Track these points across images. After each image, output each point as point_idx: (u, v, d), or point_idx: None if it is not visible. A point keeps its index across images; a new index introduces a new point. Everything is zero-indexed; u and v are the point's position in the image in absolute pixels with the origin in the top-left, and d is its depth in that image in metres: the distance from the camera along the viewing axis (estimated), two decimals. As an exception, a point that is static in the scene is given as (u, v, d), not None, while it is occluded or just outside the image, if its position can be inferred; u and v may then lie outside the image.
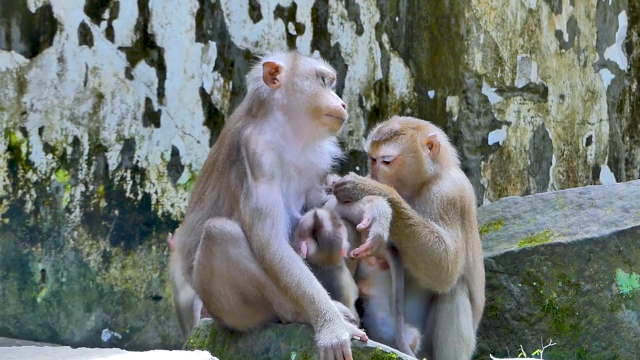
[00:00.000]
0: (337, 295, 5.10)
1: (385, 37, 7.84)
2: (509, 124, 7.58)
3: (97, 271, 7.28)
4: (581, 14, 7.90)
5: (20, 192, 7.18)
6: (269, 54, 5.30)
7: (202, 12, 7.55)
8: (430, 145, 5.53)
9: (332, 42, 7.81)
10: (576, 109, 7.88)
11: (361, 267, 5.53)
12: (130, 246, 7.35)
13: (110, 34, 7.37)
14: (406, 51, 7.78)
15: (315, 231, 5.12)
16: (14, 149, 7.19)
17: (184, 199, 7.44)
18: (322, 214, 5.16)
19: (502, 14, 7.58)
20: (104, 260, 7.30)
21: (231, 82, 7.61)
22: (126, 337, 7.31)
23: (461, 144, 7.41)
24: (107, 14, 7.37)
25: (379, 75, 7.84)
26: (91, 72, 7.34)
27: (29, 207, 7.20)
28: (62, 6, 7.29)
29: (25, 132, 7.21)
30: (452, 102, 7.51)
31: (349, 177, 5.35)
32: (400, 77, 7.80)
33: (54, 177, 7.25)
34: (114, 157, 7.36)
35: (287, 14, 7.71)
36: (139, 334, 7.35)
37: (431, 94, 7.63)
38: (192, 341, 5.38)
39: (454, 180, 5.52)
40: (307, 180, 5.25)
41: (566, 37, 7.85)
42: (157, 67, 7.45)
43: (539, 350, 5.72)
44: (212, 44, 7.57)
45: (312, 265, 5.03)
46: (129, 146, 7.38)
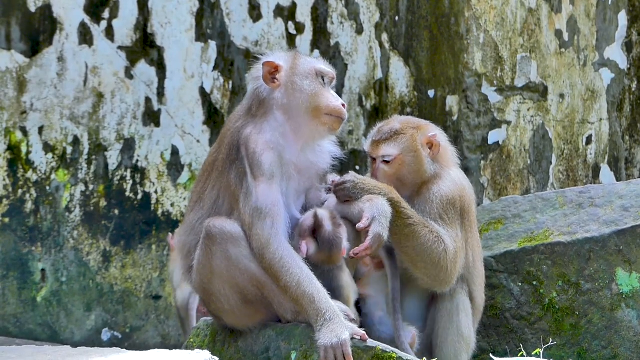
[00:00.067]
0: (337, 294, 5.10)
1: (385, 37, 7.84)
2: (509, 123, 7.58)
3: (97, 271, 7.28)
4: (581, 13, 7.90)
5: (20, 191, 7.18)
6: (268, 54, 5.30)
7: (202, 11, 7.54)
8: (430, 144, 5.53)
9: (332, 42, 7.80)
10: (576, 108, 7.88)
11: (356, 268, 5.53)
12: (130, 245, 7.35)
13: (110, 33, 7.37)
14: (406, 50, 7.78)
15: (315, 231, 5.12)
16: (14, 148, 7.19)
17: (184, 199, 7.44)
18: (322, 213, 5.15)
19: (502, 13, 7.58)
20: (104, 259, 7.29)
21: (231, 82, 7.61)
22: (126, 336, 7.31)
23: (461, 144, 7.41)
24: (107, 14, 7.37)
25: (379, 74, 7.84)
26: (91, 71, 7.33)
27: (29, 206, 7.20)
28: (62, 6, 7.28)
29: (25, 131, 7.21)
30: (452, 102, 7.51)
31: (348, 177, 5.34)
32: (400, 77, 7.80)
33: (54, 176, 7.24)
34: (114, 157, 7.36)
35: (287, 13, 7.71)
36: (139, 334, 7.34)
37: (431, 94, 7.62)
38: (192, 340, 5.38)
39: (453, 180, 5.52)
40: (306, 179, 5.24)
41: (566, 37, 7.84)
42: (157, 66, 7.45)
43: (539, 349, 5.72)
44: (212, 44, 7.57)
45: (312, 264, 5.03)
46: (129, 146, 7.38)
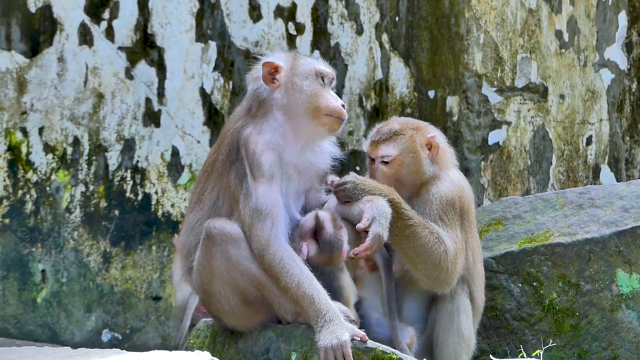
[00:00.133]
0: (337, 295, 5.10)
1: (385, 37, 7.83)
2: (509, 123, 7.58)
3: (97, 271, 7.28)
4: (581, 14, 7.90)
5: (20, 192, 7.18)
6: (268, 54, 5.30)
7: (202, 12, 7.54)
8: (429, 146, 5.53)
9: (332, 42, 7.80)
10: (576, 108, 7.88)
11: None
12: (130, 246, 7.35)
13: (110, 34, 7.37)
14: (406, 51, 7.78)
15: (316, 232, 5.12)
16: (14, 149, 7.19)
17: (184, 199, 7.44)
18: (324, 215, 5.15)
19: (502, 13, 7.58)
20: (104, 260, 7.29)
21: (231, 82, 7.60)
22: (126, 337, 7.31)
23: (461, 144, 7.41)
24: (107, 14, 7.37)
25: (379, 75, 7.84)
26: (91, 72, 7.33)
27: (29, 207, 7.20)
28: (62, 6, 7.28)
29: (25, 132, 7.21)
30: (452, 102, 7.51)
31: (349, 177, 5.34)
32: (400, 77, 7.80)
33: (54, 177, 7.24)
34: (114, 157, 7.35)
35: (287, 13, 7.71)
36: (139, 335, 7.34)
37: (431, 94, 7.62)
38: (192, 341, 5.38)
39: (452, 180, 5.51)
40: (306, 180, 5.24)
41: (566, 37, 7.84)
42: (157, 67, 7.45)
43: (539, 350, 5.71)
44: (212, 44, 7.56)
45: (312, 266, 5.03)
46: (129, 146, 7.38)
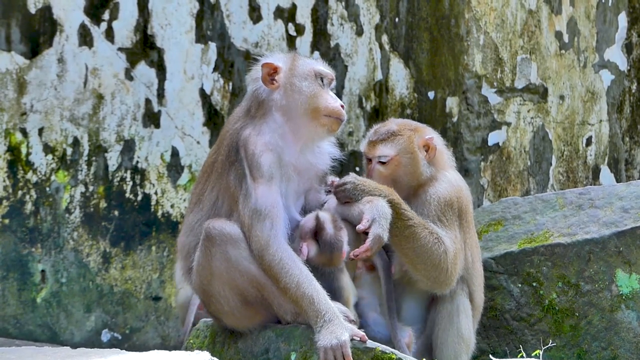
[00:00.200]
0: (337, 296, 5.10)
1: (385, 38, 7.84)
2: (508, 124, 7.58)
3: (97, 272, 7.28)
4: (581, 15, 7.90)
5: (20, 192, 7.18)
6: (267, 55, 5.30)
7: (202, 13, 7.54)
8: (426, 147, 5.53)
9: (332, 43, 7.80)
10: (576, 109, 7.88)
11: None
12: (130, 247, 7.35)
13: (110, 35, 7.37)
14: (406, 52, 7.78)
15: (316, 233, 5.12)
16: (13, 149, 7.19)
17: (184, 200, 7.44)
18: (324, 216, 5.15)
19: (502, 14, 7.58)
20: (104, 260, 7.29)
21: (231, 83, 7.61)
22: (126, 337, 7.31)
23: (461, 145, 7.41)
24: (107, 15, 7.37)
25: (379, 76, 7.84)
26: (91, 73, 7.33)
27: (29, 207, 7.20)
28: (62, 7, 7.28)
29: (25, 132, 7.21)
30: (452, 103, 7.51)
31: (349, 178, 5.34)
32: (400, 78, 7.80)
33: (53, 177, 7.24)
34: (113, 158, 7.35)
35: (287, 14, 7.71)
36: (139, 335, 7.35)
37: (431, 95, 7.62)
38: (192, 341, 5.38)
39: (450, 181, 5.51)
40: (306, 180, 5.24)
41: (566, 38, 7.85)
42: (157, 68, 7.45)
43: (538, 350, 5.71)
44: (212, 45, 7.57)
45: (312, 267, 5.03)
46: (129, 147, 7.38)
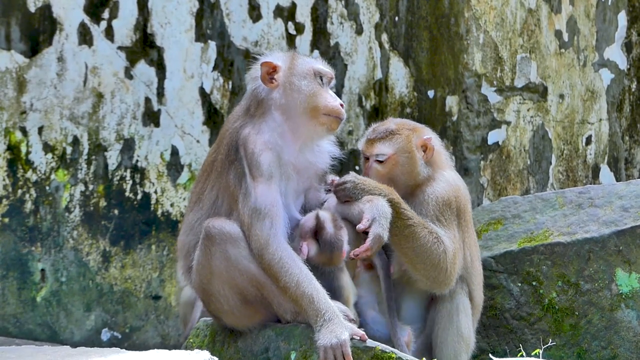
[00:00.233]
0: (337, 295, 5.10)
1: (384, 37, 7.83)
2: (508, 123, 7.58)
3: (97, 271, 7.28)
4: (581, 14, 7.90)
5: (19, 191, 7.18)
6: (267, 54, 5.30)
7: (202, 11, 7.54)
8: (424, 147, 5.52)
9: (332, 42, 7.80)
10: (576, 108, 7.88)
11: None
12: (129, 246, 7.35)
13: (109, 33, 7.37)
14: (406, 51, 7.78)
15: (316, 232, 5.12)
16: (13, 148, 7.19)
17: (184, 199, 7.44)
18: (324, 215, 5.15)
19: (501, 13, 7.57)
20: (104, 259, 7.29)
21: (231, 82, 7.60)
22: (126, 336, 7.31)
23: (461, 144, 7.41)
24: (106, 14, 7.37)
25: (379, 74, 7.84)
26: (91, 71, 7.33)
27: (29, 206, 7.20)
28: (62, 6, 7.28)
29: (24, 131, 7.21)
30: (452, 102, 7.51)
31: (349, 177, 5.34)
32: (399, 77, 7.80)
33: (53, 176, 7.24)
34: (113, 157, 7.35)
35: (286, 13, 7.71)
36: (139, 334, 7.34)
37: (431, 94, 7.62)
38: (191, 341, 5.38)
39: (447, 180, 5.51)
40: (305, 179, 5.24)
41: (566, 37, 7.84)
42: (156, 66, 7.45)
43: (538, 349, 5.72)
44: (212, 44, 7.56)
45: (312, 266, 5.03)
46: (129, 146, 7.38)
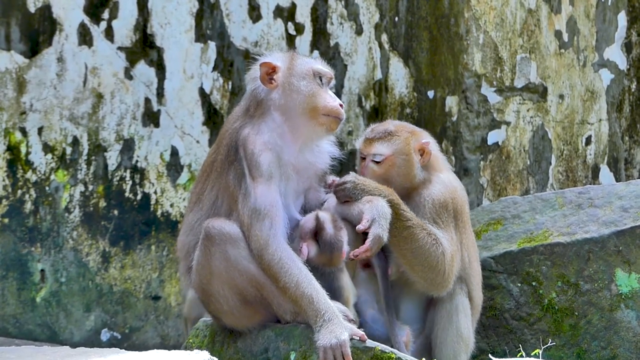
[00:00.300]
0: (336, 295, 5.10)
1: (384, 37, 7.83)
2: (508, 123, 7.58)
3: (97, 271, 7.28)
4: (580, 14, 7.90)
5: (19, 192, 7.18)
6: (266, 54, 5.30)
7: (202, 12, 7.54)
8: (422, 151, 5.51)
9: (332, 42, 7.80)
10: (575, 108, 7.87)
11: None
12: (129, 246, 7.35)
13: (109, 34, 7.37)
14: (405, 51, 7.78)
15: (316, 233, 5.12)
16: (13, 149, 7.19)
17: (184, 199, 7.44)
18: (324, 216, 5.15)
19: (501, 13, 7.57)
20: (103, 260, 7.29)
21: (230, 82, 7.60)
22: (125, 337, 7.31)
23: (460, 144, 7.41)
24: (106, 14, 7.37)
25: (379, 75, 7.84)
26: (90, 72, 7.33)
27: (28, 207, 7.20)
28: (62, 6, 7.28)
29: (24, 132, 7.21)
30: (452, 102, 7.51)
31: (349, 177, 5.34)
32: (399, 77, 7.80)
33: (53, 177, 7.24)
34: (113, 157, 7.35)
35: (286, 14, 7.71)
36: (138, 334, 7.34)
37: (430, 94, 7.62)
38: (191, 341, 5.38)
39: (444, 182, 5.51)
40: (305, 180, 5.24)
41: (566, 37, 7.84)
42: (156, 67, 7.45)
43: (538, 350, 5.72)
44: (212, 44, 7.57)
45: (312, 267, 5.03)
46: (128, 146, 7.38)
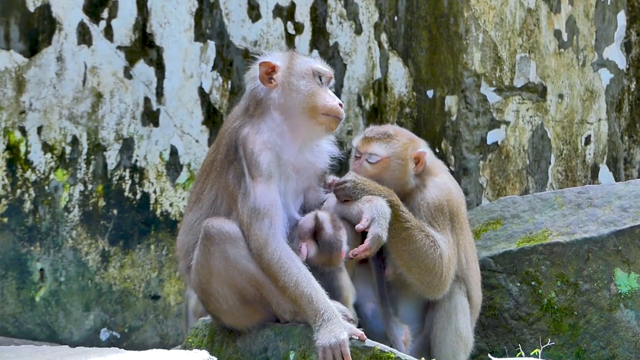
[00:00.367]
0: (336, 295, 5.10)
1: (384, 37, 7.83)
2: (507, 123, 7.58)
3: (96, 270, 7.28)
4: (580, 14, 7.90)
5: (19, 191, 7.18)
6: (265, 54, 5.29)
7: (201, 11, 7.54)
8: (417, 160, 5.51)
9: (331, 42, 7.80)
10: (575, 108, 7.87)
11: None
12: (128, 245, 7.35)
13: (109, 33, 7.36)
14: (405, 50, 7.78)
15: (315, 233, 5.12)
16: (12, 148, 7.19)
17: (183, 199, 7.44)
18: (323, 216, 5.15)
19: (501, 13, 7.57)
20: (103, 259, 7.29)
21: (230, 82, 7.60)
22: (125, 336, 7.31)
23: (460, 144, 7.41)
24: (106, 14, 7.37)
25: (378, 74, 7.84)
26: (90, 71, 7.33)
27: (28, 206, 7.20)
28: (61, 5, 7.28)
29: (24, 131, 7.21)
30: (451, 102, 7.51)
31: (349, 176, 5.34)
32: (399, 77, 7.80)
33: (52, 176, 7.24)
34: (112, 157, 7.35)
35: (286, 13, 7.71)
36: (138, 333, 7.34)
37: (430, 94, 7.62)
38: (190, 340, 5.38)
39: (438, 185, 5.50)
40: (305, 179, 5.24)
41: (565, 37, 7.84)
42: (155, 66, 7.45)
43: (537, 349, 5.72)
44: (211, 44, 7.56)
45: (311, 266, 5.03)
46: (128, 145, 7.38)
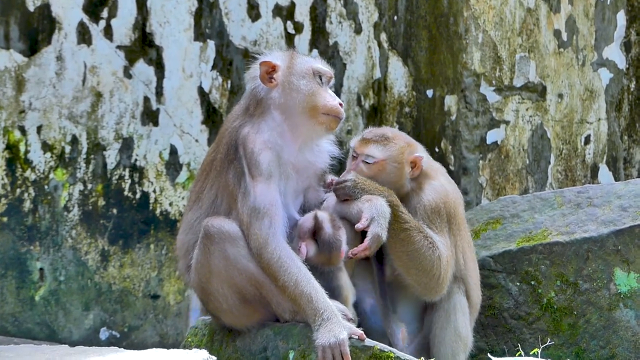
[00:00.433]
0: (335, 294, 5.10)
1: (383, 36, 7.84)
2: (507, 123, 7.58)
3: (96, 270, 7.28)
4: (580, 13, 7.90)
5: (18, 190, 7.18)
6: (266, 53, 5.30)
7: (201, 11, 7.54)
8: (413, 164, 5.50)
9: (331, 41, 7.80)
10: (575, 108, 7.88)
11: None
12: (128, 245, 7.35)
13: (108, 32, 7.36)
14: (405, 50, 7.78)
15: (315, 233, 5.12)
16: (12, 147, 7.18)
17: (183, 198, 7.44)
18: (322, 215, 5.15)
19: (500, 13, 7.58)
20: (102, 259, 7.29)
21: (230, 81, 7.60)
22: (124, 335, 7.31)
23: (459, 143, 7.41)
24: (105, 13, 7.37)
25: (378, 74, 7.84)
26: (90, 71, 7.33)
27: (27, 205, 7.20)
28: (61, 5, 7.28)
29: (23, 130, 7.21)
30: (451, 101, 7.51)
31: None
32: (398, 76, 7.80)
33: (52, 175, 7.24)
34: (112, 156, 7.35)
35: (285, 12, 7.71)
36: (137, 333, 7.34)
37: (429, 93, 7.62)
38: (190, 340, 5.38)
39: (434, 188, 5.49)
40: (305, 179, 5.25)
41: (565, 36, 7.84)
42: (155, 66, 7.45)
43: (537, 349, 5.72)
44: (211, 43, 7.56)
45: (311, 266, 5.03)
46: (128, 145, 7.38)
